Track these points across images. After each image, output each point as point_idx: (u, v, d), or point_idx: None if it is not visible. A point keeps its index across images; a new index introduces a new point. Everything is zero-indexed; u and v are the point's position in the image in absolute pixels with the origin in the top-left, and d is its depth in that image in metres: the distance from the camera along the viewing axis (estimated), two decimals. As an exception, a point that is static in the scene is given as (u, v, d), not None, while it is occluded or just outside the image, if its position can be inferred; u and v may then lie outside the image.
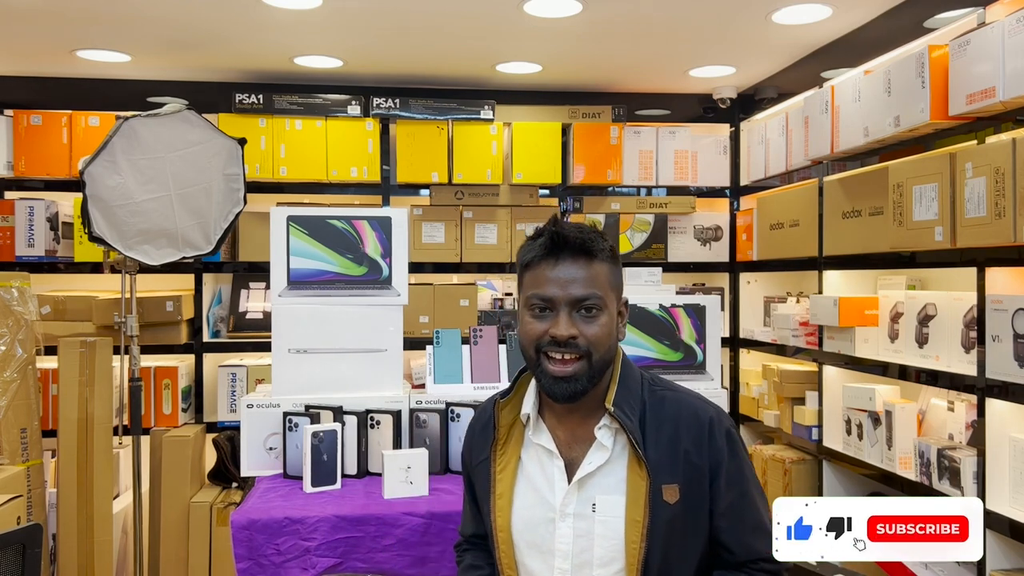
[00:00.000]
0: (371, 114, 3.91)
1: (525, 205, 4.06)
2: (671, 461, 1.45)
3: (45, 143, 3.80)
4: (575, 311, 1.44)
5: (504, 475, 1.53)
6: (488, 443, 1.56)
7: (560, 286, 1.43)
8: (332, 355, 2.50)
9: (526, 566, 1.50)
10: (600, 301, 1.44)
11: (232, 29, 3.25)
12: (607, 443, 1.47)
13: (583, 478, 1.47)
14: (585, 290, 1.43)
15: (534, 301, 1.46)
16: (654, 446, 1.45)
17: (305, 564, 1.99)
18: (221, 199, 3.25)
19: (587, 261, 1.45)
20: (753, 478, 1.52)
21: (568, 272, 1.44)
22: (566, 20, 3.12)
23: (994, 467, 2.45)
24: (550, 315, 1.45)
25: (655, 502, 1.42)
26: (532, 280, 1.47)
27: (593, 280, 1.44)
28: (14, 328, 3.22)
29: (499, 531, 1.51)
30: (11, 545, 1.85)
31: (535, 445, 1.52)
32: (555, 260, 1.45)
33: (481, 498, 1.57)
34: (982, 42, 2.38)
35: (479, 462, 1.58)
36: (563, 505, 1.47)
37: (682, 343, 2.54)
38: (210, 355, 3.95)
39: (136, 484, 3.33)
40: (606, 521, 1.44)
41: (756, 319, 4.19)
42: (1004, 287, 2.44)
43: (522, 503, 1.51)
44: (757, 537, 1.47)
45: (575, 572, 1.45)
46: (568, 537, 1.46)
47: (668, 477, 1.44)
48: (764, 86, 4.01)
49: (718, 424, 1.48)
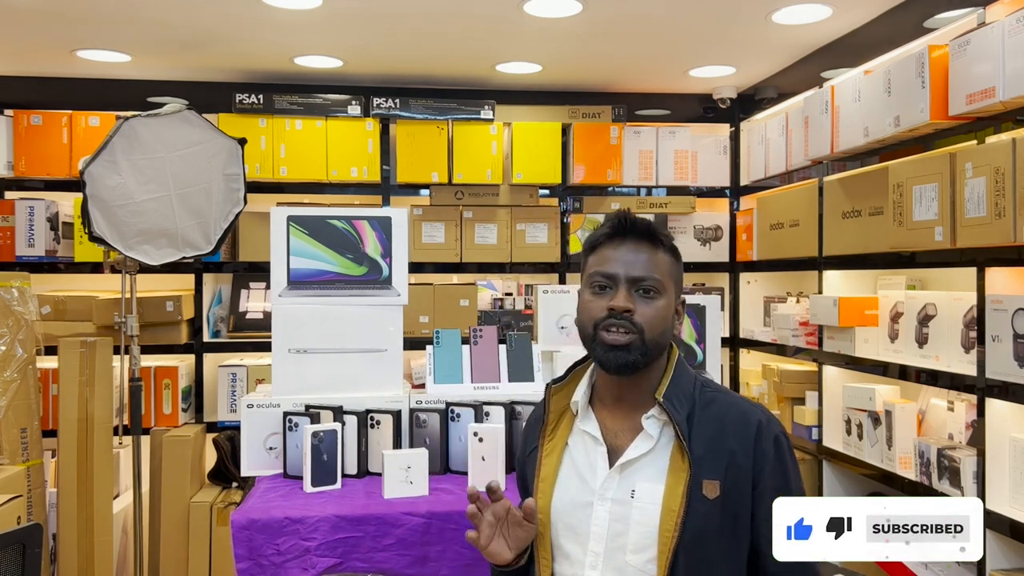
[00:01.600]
0: (371, 114, 3.91)
1: (525, 205, 4.06)
2: (715, 458, 1.45)
3: (45, 143, 3.80)
4: (634, 290, 1.48)
5: (550, 459, 1.55)
6: (539, 429, 1.59)
7: (622, 265, 1.49)
8: (332, 355, 2.50)
9: (562, 548, 1.52)
10: (659, 285, 1.49)
11: (232, 29, 3.25)
12: (653, 433, 1.49)
13: (624, 464, 1.48)
14: (646, 271, 1.48)
15: (596, 278, 1.50)
16: (700, 441, 1.46)
17: (305, 564, 1.99)
18: (221, 199, 3.25)
19: (651, 247, 1.51)
20: (799, 488, 1.49)
21: (631, 253, 1.49)
22: (566, 20, 3.12)
23: (994, 467, 2.45)
24: (610, 291, 1.49)
25: (693, 494, 1.43)
26: (596, 260, 1.52)
27: (654, 265, 1.50)
28: (14, 328, 3.22)
29: (539, 513, 1.52)
30: (11, 545, 1.85)
31: (582, 432, 1.55)
32: (620, 241, 1.51)
33: (528, 483, 1.59)
34: (982, 42, 2.38)
35: (530, 451, 1.61)
36: (603, 489, 1.49)
37: (682, 343, 2.54)
38: (210, 355, 3.95)
39: (136, 484, 3.33)
40: (643, 508, 1.45)
41: (756, 319, 4.19)
42: (1004, 287, 2.44)
43: (564, 486, 1.53)
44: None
45: (608, 556, 1.47)
46: (604, 520, 1.48)
47: (710, 473, 1.44)
48: (764, 86, 4.02)
49: (767, 428, 1.48)
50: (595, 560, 1.47)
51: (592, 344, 1.50)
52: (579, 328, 1.54)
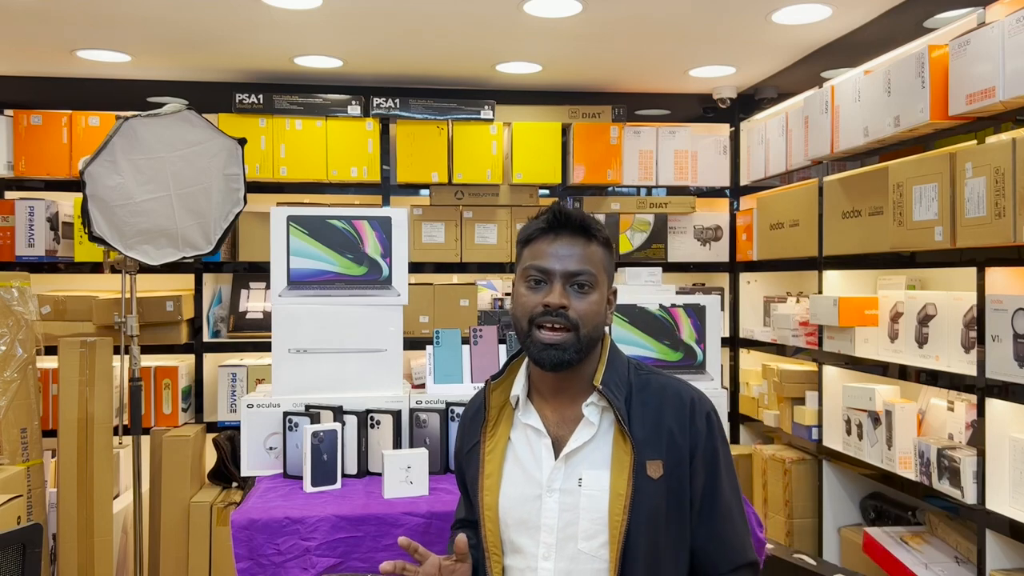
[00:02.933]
0: (371, 114, 3.91)
1: (525, 205, 4.06)
2: (655, 438, 1.49)
3: (45, 143, 3.80)
4: (569, 285, 1.50)
5: (493, 455, 1.57)
6: (479, 426, 1.61)
7: (557, 259, 1.50)
8: (332, 355, 2.50)
9: (513, 543, 1.54)
10: (593, 279, 1.51)
11: (232, 29, 3.25)
12: (594, 420, 1.52)
13: (569, 453, 1.51)
14: (580, 265, 1.50)
15: (531, 272, 1.52)
16: (639, 424, 1.50)
17: (305, 564, 1.99)
18: (221, 199, 3.25)
19: (585, 240, 1.52)
20: (728, 466, 1.55)
21: (566, 248, 1.51)
22: (566, 20, 3.12)
23: (994, 467, 2.45)
24: (544, 287, 1.50)
25: (639, 476, 1.47)
26: (530, 254, 1.54)
27: (589, 258, 1.51)
28: (14, 328, 3.22)
29: (486, 510, 1.55)
30: (11, 545, 1.85)
31: (524, 425, 1.57)
32: (555, 235, 1.52)
33: (471, 481, 1.61)
34: (982, 42, 2.38)
35: (470, 447, 1.63)
36: (550, 481, 1.51)
37: (682, 343, 2.54)
38: (210, 355, 3.95)
39: (136, 484, 3.33)
40: (592, 495, 1.48)
41: (756, 319, 4.19)
42: (1004, 287, 2.44)
43: (510, 481, 1.55)
44: (723, 548, 1.51)
45: (560, 546, 1.49)
46: (554, 511, 1.50)
47: (652, 453, 1.49)
48: (764, 86, 4.02)
49: (699, 405, 1.53)
50: (548, 551, 1.49)
51: (527, 341, 1.52)
52: (513, 322, 1.56)
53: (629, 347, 2.50)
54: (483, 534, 1.55)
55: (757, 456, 3.78)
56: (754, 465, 3.84)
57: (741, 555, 1.52)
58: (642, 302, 2.53)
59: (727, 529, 1.52)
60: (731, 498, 1.53)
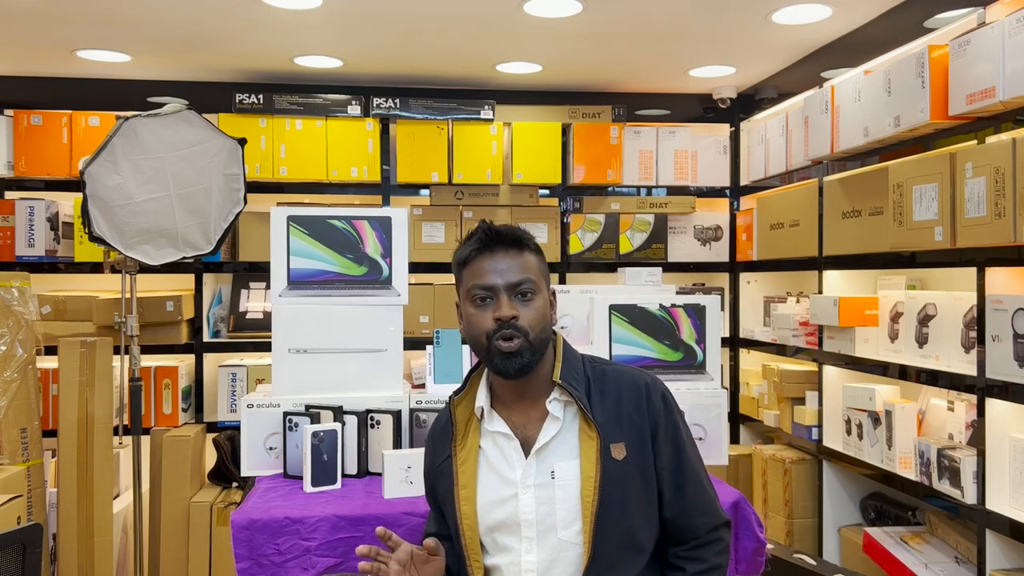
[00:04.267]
0: (371, 114, 3.91)
1: (525, 205, 4.06)
2: (616, 423, 1.59)
3: (45, 143, 3.80)
4: (513, 296, 1.59)
5: (466, 466, 1.64)
6: (448, 441, 1.67)
7: (498, 274, 1.59)
8: (332, 355, 2.50)
9: (496, 543, 1.61)
10: (534, 285, 1.60)
11: (232, 29, 3.25)
12: (558, 414, 1.60)
13: (539, 449, 1.59)
14: (520, 275, 1.59)
15: (475, 292, 1.60)
16: (600, 411, 1.60)
17: (305, 564, 1.99)
18: (221, 199, 3.25)
19: (518, 251, 1.62)
20: (689, 439, 1.65)
21: (503, 262, 1.60)
22: (566, 20, 3.12)
23: (994, 467, 2.45)
24: (491, 303, 1.59)
25: (605, 458, 1.56)
26: (471, 274, 1.62)
27: (526, 267, 1.61)
28: (14, 328, 3.22)
29: (465, 519, 1.61)
30: (11, 545, 1.85)
31: (491, 433, 1.65)
32: (491, 253, 1.61)
33: (445, 495, 1.67)
34: (982, 42, 2.38)
35: (441, 461, 1.69)
36: (523, 478, 1.59)
37: (682, 343, 2.54)
38: (210, 355, 3.95)
39: (136, 484, 3.33)
40: (565, 484, 1.57)
41: (756, 319, 4.19)
42: (1004, 287, 2.44)
43: (485, 486, 1.63)
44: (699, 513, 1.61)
45: (540, 538, 1.57)
46: (531, 506, 1.58)
47: (614, 437, 1.58)
48: (764, 86, 4.02)
49: (654, 387, 1.64)
50: (530, 545, 1.58)
51: (487, 355, 1.59)
52: (470, 342, 1.63)
53: (629, 347, 2.50)
54: (462, 542, 1.61)
55: (757, 456, 3.78)
56: (754, 465, 3.84)
57: (716, 516, 1.63)
58: (642, 302, 2.53)
59: (699, 495, 1.62)
60: (697, 465, 1.64)
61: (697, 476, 1.63)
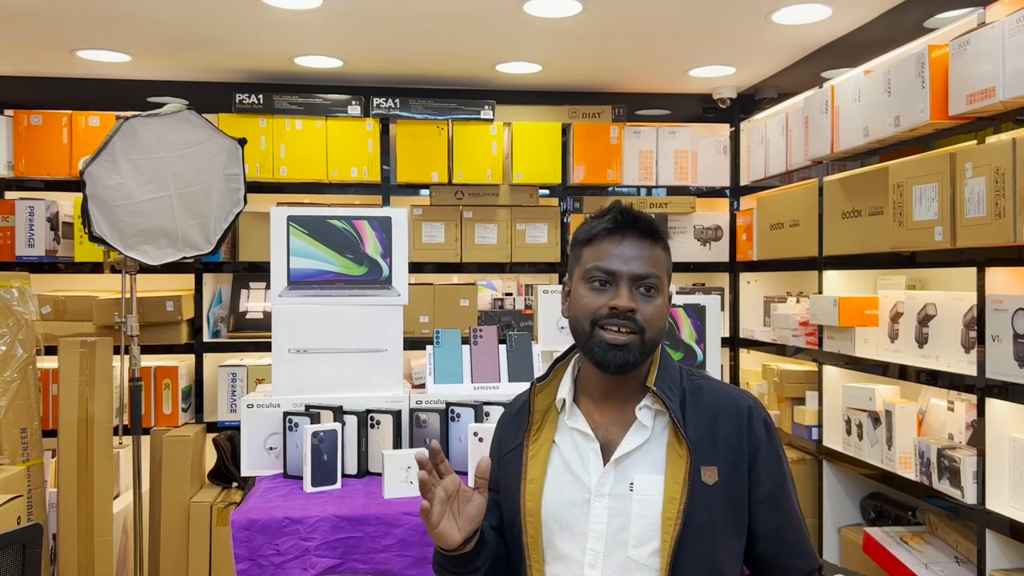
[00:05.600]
0: (371, 114, 3.91)
1: (525, 205, 4.06)
2: (710, 444, 1.45)
3: (45, 143, 3.80)
4: (635, 288, 1.46)
5: (536, 460, 1.51)
6: (522, 429, 1.55)
7: (624, 261, 1.46)
8: (332, 355, 2.50)
9: (556, 549, 1.48)
10: (659, 282, 1.47)
11: (232, 29, 3.25)
12: (647, 423, 1.47)
13: (620, 458, 1.46)
14: (647, 268, 1.46)
15: (595, 274, 1.47)
16: (693, 428, 1.46)
17: (305, 564, 1.99)
18: (221, 199, 3.25)
19: (651, 243, 1.49)
20: (790, 473, 1.52)
21: (632, 250, 1.47)
22: (566, 20, 3.12)
23: (994, 467, 2.45)
24: (610, 289, 1.46)
25: (694, 481, 1.42)
26: (593, 254, 1.49)
27: (655, 261, 1.48)
28: (14, 328, 3.22)
29: (528, 515, 1.49)
30: (11, 545, 1.85)
31: (569, 429, 1.52)
32: (621, 237, 1.48)
33: (510, 485, 1.54)
34: (982, 42, 2.38)
35: (510, 450, 1.56)
36: (599, 485, 1.45)
37: (682, 343, 2.54)
38: (210, 355, 3.95)
39: (136, 484, 3.33)
40: (644, 500, 1.43)
41: (756, 319, 4.19)
42: (1004, 287, 2.44)
43: (554, 485, 1.49)
44: (795, 555, 1.49)
45: (608, 553, 1.43)
46: (603, 517, 1.44)
47: (707, 459, 1.44)
48: (764, 86, 4.02)
49: (756, 412, 1.50)
50: (594, 559, 1.44)
51: (589, 341, 1.46)
52: (573, 323, 1.50)
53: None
54: (524, 541, 1.49)
55: (757, 456, 3.78)
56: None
57: (812, 560, 1.51)
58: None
59: (797, 536, 1.50)
60: (796, 504, 1.52)
61: (796, 516, 1.51)
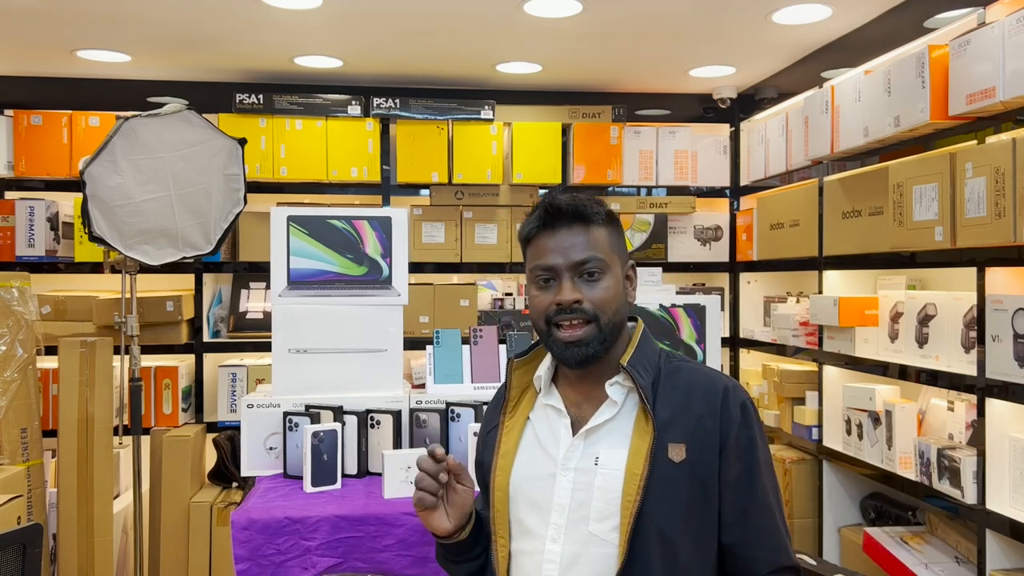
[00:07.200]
0: (371, 114, 3.91)
1: (525, 205, 4.06)
2: (681, 421, 1.43)
3: (45, 143, 3.80)
4: (577, 276, 1.45)
5: (510, 435, 1.53)
6: (499, 406, 1.57)
7: (560, 253, 1.45)
8: (332, 355, 2.50)
9: (522, 523, 1.48)
10: (601, 263, 1.45)
11: (232, 29, 3.25)
12: (618, 399, 1.47)
13: (588, 431, 1.46)
14: (584, 253, 1.44)
15: (537, 272, 1.47)
16: (665, 406, 1.44)
17: (305, 564, 1.99)
18: (221, 199, 3.26)
19: (583, 227, 1.46)
20: (767, 461, 1.46)
21: (566, 239, 1.45)
22: (566, 20, 3.12)
23: (994, 467, 2.45)
24: (554, 284, 1.46)
25: (657, 457, 1.40)
26: (533, 253, 1.49)
27: (592, 244, 1.46)
28: (14, 328, 3.22)
29: (497, 490, 1.49)
30: (11, 545, 1.85)
31: (544, 406, 1.53)
32: (552, 230, 1.47)
33: (485, 461, 1.56)
34: (982, 42, 2.38)
35: (490, 430, 1.58)
36: (565, 459, 1.45)
37: (682, 343, 2.54)
38: (210, 355, 3.95)
39: (136, 484, 3.33)
40: (607, 474, 1.42)
41: (756, 319, 4.19)
42: (1004, 287, 2.44)
43: (524, 459, 1.50)
44: (762, 545, 1.42)
45: (570, 527, 1.43)
46: (567, 490, 1.44)
47: (676, 436, 1.41)
48: (764, 86, 4.02)
49: (733, 393, 1.46)
50: (556, 532, 1.43)
51: (548, 340, 1.47)
52: (533, 325, 1.51)
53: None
54: (491, 517, 1.50)
55: (757, 456, 3.78)
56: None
57: (783, 555, 1.43)
58: (642, 302, 2.53)
59: (765, 524, 1.42)
60: (771, 494, 1.44)
61: (767, 504, 1.43)
